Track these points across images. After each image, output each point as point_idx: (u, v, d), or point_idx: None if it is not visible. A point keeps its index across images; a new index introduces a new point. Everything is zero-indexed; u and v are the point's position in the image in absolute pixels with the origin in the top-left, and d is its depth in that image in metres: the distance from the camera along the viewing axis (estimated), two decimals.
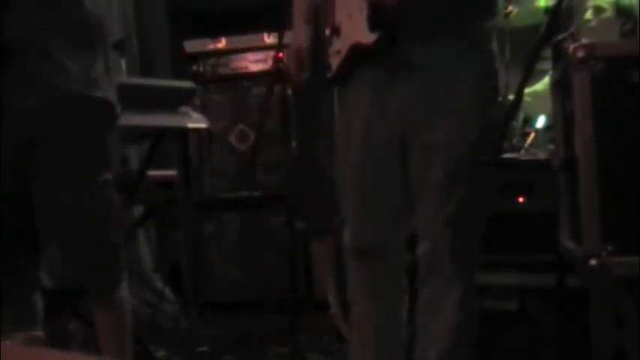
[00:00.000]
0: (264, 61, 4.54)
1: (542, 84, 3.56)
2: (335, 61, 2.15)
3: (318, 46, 2.23)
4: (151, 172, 3.40)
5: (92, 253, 2.30)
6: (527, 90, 3.54)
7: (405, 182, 2.09)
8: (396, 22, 1.99)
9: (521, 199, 3.02)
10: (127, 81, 3.09)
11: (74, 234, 2.29)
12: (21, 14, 2.23)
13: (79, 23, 2.28)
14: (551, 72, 2.91)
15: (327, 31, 2.18)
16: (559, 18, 2.14)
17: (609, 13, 3.27)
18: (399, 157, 2.08)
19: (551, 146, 3.09)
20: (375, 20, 1.98)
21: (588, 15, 3.31)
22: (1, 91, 2.21)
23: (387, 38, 1.99)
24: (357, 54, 2.05)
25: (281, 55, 3.09)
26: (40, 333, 2.31)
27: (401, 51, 2.02)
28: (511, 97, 3.12)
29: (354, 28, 2.04)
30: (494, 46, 2.11)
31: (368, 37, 1.99)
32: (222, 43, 4.64)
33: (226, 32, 4.68)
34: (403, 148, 2.08)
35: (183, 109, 3.27)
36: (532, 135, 3.46)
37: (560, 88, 2.38)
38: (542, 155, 3.22)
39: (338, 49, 2.13)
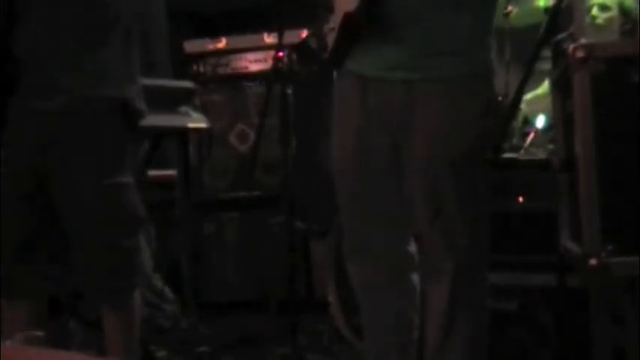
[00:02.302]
0: (264, 61, 4.53)
1: (543, 88, 3.56)
2: (330, 39, 2.12)
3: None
4: (151, 172, 3.41)
5: (102, 255, 2.28)
6: (528, 95, 3.54)
7: (400, 182, 2.08)
8: None
9: (521, 199, 3.02)
10: None
11: (84, 235, 2.28)
12: (32, 21, 2.22)
13: (93, 22, 2.27)
14: (551, 75, 2.91)
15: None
16: (559, 18, 2.13)
17: (614, 12, 3.27)
18: (391, 159, 2.08)
19: (551, 146, 3.08)
20: None
21: (594, 12, 3.31)
22: (17, 96, 2.23)
23: (370, 3, 1.94)
24: (347, 27, 2.00)
25: (281, 54, 3.09)
26: (40, 333, 2.31)
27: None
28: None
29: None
30: (492, 46, 2.08)
31: (352, 4, 1.95)
32: (222, 43, 4.63)
33: (226, 32, 4.68)
34: (395, 150, 2.07)
35: (183, 109, 3.27)
36: (532, 135, 3.46)
37: (560, 88, 2.38)
38: (542, 155, 3.22)
39: (333, 26, 2.10)
